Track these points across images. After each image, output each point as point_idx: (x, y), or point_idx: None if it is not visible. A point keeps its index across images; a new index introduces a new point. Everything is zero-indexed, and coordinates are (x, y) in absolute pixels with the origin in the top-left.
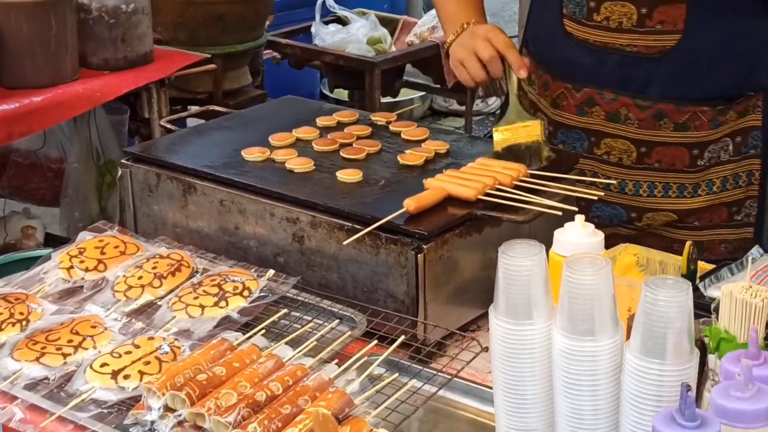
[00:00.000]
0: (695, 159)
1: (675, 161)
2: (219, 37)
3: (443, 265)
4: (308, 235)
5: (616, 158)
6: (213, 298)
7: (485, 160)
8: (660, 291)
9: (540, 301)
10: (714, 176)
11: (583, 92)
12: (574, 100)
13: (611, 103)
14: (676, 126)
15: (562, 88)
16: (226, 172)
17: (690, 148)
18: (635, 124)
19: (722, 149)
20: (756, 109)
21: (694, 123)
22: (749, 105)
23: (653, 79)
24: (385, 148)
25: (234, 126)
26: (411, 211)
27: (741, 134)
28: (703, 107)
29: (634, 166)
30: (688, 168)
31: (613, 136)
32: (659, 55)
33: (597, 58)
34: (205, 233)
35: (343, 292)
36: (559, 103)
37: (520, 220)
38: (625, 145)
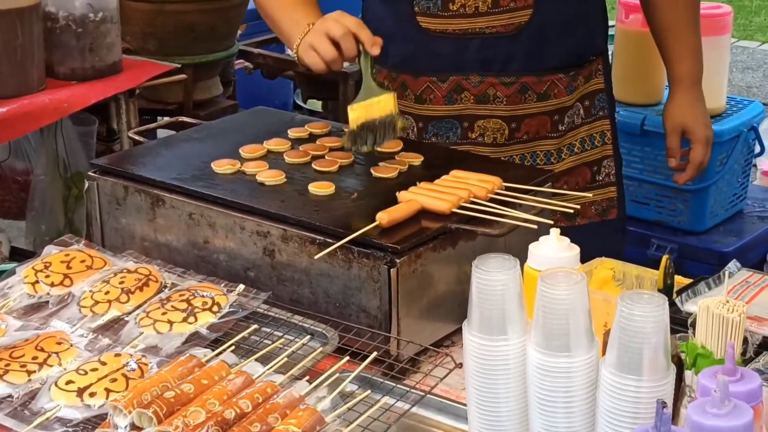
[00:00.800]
0: (557, 125)
1: (540, 130)
2: (189, 46)
3: (417, 280)
4: (279, 249)
5: (490, 138)
6: (181, 314)
7: (460, 173)
8: (636, 306)
9: (514, 317)
10: (573, 139)
11: (449, 81)
12: (441, 91)
13: (478, 86)
14: (539, 96)
15: (426, 83)
16: (196, 184)
17: (552, 116)
18: (503, 102)
19: (576, 114)
20: (598, 73)
21: (554, 91)
22: (592, 69)
23: (514, 56)
24: (357, 161)
25: (204, 137)
26: (384, 224)
27: (589, 98)
28: (559, 74)
29: (507, 142)
30: (551, 134)
31: (485, 117)
32: (516, 31)
33: (458, 46)
34: (173, 247)
35: (314, 307)
36: (425, 98)
37: (494, 233)
38: (497, 124)
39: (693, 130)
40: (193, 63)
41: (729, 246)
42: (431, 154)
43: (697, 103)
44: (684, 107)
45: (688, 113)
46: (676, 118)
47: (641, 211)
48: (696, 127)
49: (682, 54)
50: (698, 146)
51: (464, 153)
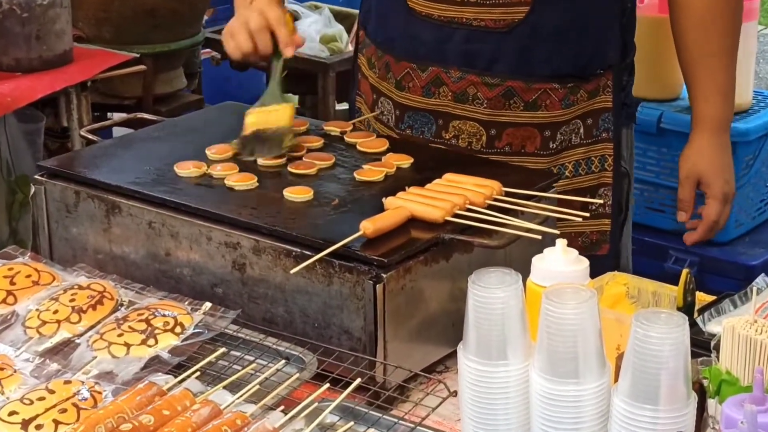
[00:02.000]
0: (547, 141)
1: (526, 143)
2: (149, 34)
3: (406, 297)
4: (250, 262)
5: (465, 142)
6: (140, 336)
7: (454, 177)
8: (652, 326)
9: (516, 339)
10: (566, 160)
11: (428, 71)
12: (419, 81)
13: (458, 82)
14: (527, 105)
15: (406, 69)
16: (156, 189)
17: (541, 130)
18: (484, 104)
19: (573, 132)
20: (606, 90)
21: (545, 102)
22: (599, 85)
23: (501, 55)
24: (339, 163)
25: (165, 136)
26: (368, 234)
27: (592, 116)
28: (553, 84)
29: (484, 150)
30: (540, 151)
31: (462, 118)
32: (506, 29)
33: (442, 34)
34: (131, 260)
35: (290, 327)
36: (404, 85)
37: (493, 244)
38: (474, 128)
39: (710, 183)
40: (153, 52)
41: (757, 258)
42: (422, 155)
43: (720, 152)
44: (704, 154)
45: (707, 162)
46: (692, 165)
47: (657, 219)
48: (714, 179)
49: (711, 92)
50: (714, 203)
51: (459, 154)
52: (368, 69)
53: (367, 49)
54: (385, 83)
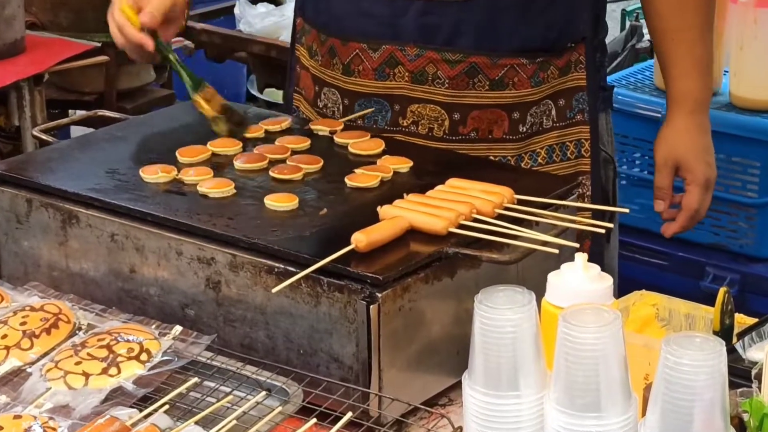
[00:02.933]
0: (516, 124)
1: (493, 127)
2: None
3: (404, 319)
4: (227, 280)
5: (425, 128)
6: (101, 364)
7: (459, 182)
8: (685, 352)
9: (529, 367)
10: (538, 146)
11: (381, 50)
12: (371, 62)
13: (416, 60)
14: (492, 83)
15: (355, 50)
16: (119, 197)
17: (509, 111)
18: (445, 84)
19: (544, 113)
20: (578, 66)
21: (513, 79)
22: (570, 60)
23: (462, 28)
24: (328, 166)
25: (130, 136)
26: (361, 248)
27: (564, 96)
28: (521, 59)
29: (447, 137)
30: (508, 135)
31: (421, 101)
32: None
33: (395, 7)
34: (90, 278)
35: (272, 354)
36: (353, 69)
37: (504, 260)
38: (435, 111)
39: (691, 168)
40: None
41: None
42: (422, 157)
43: (699, 134)
44: (681, 136)
45: (686, 145)
46: (670, 149)
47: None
48: (695, 164)
49: (686, 67)
50: (695, 189)
51: (464, 156)
52: (309, 59)
53: (307, 36)
54: (330, 71)
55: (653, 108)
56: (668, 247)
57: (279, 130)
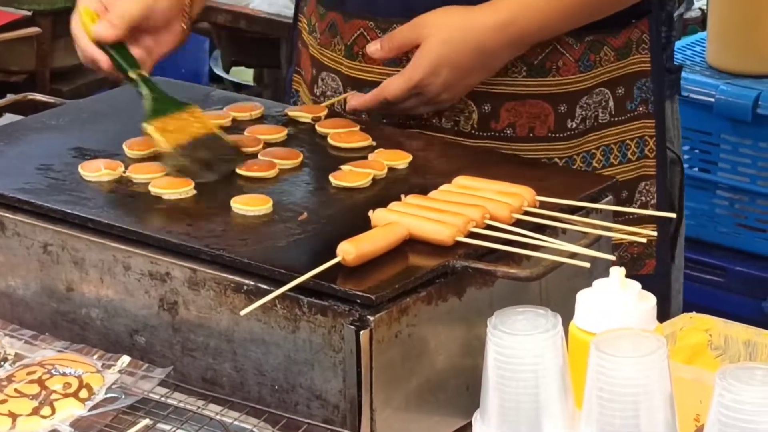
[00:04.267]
0: (563, 120)
1: (535, 124)
2: None
3: (402, 349)
4: (185, 300)
5: (450, 122)
6: (31, 403)
7: (469, 181)
8: (745, 388)
9: (554, 406)
10: (592, 146)
11: (392, 30)
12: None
13: None
14: (531, 68)
15: (360, 29)
16: (54, 199)
17: (554, 103)
18: None
19: (600, 105)
20: (641, 46)
21: (556, 63)
22: (631, 39)
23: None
24: (309, 162)
25: (67, 125)
26: (349, 261)
27: (623, 83)
28: (566, 38)
29: (476, 133)
30: (555, 133)
31: None
32: None
33: None
34: (18, 297)
35: (240, 391)
36: (357, 52)
37: (524, 275)
38: (461, 102)
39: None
40: (51, 9)
41: None
42: (424, 150)
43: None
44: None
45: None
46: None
47: (754, 241)
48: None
49: None
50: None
51: (475, 149)
52: (308, 34)
53: (308, 5)
54: (330, 51)
55: (706, 91)
56: (725, 260)
57: (249, 117)
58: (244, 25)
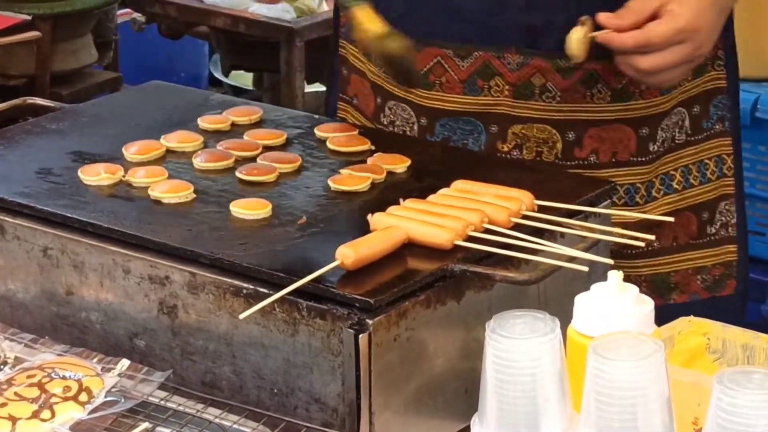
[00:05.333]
0: (645, 142)
1: (618, 149)
2: None
3: (400, 352)
4: (185, 303)
5: (532, 152)
6: (31, 406)
7: (468, 185)
8: (742, 391)
9: (552, 409)
10: (671, 167)
11: (473, 58)
12: (458, 73)
13: (519, 70)
14: (615, 93)
15: (436, 57)
16: (54, 203)
17: (636, 127)
18: (557, 98)
19: (677, 125)
20: (716, 63)
21: (639, 87)
22: (707, 57)
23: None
24: (308, 166)
25: (67, 130)
26: (348, 265)
27: (700, 101)
28: None
29: (560, 162)
30: (637, 157)
31: (526, 121)
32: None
33: (492, 2)
34: (18, 301)
35: (239, 394)
36: (433, 81)
37: (522, 279)
38: (545, 132)
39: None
40: (51, 13)
41: None
42: (423, 155)
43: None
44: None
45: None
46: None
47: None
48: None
49: None
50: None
51: (474, 154)
52: (364, 61)
53: None
54: None
55: None
56: None
57: (248, 122)
58: (243, 29)
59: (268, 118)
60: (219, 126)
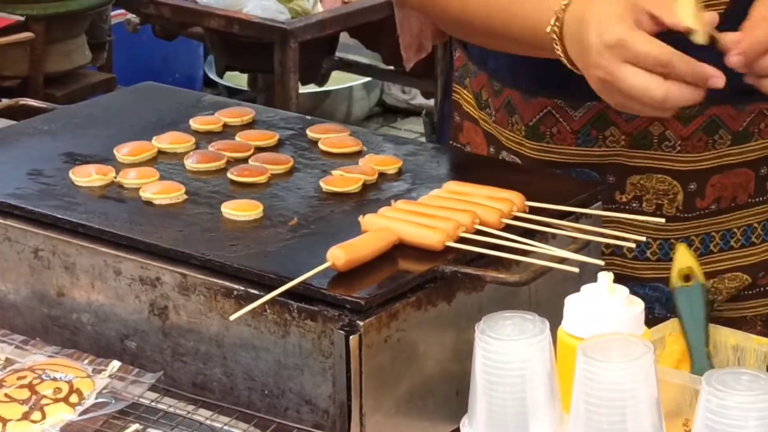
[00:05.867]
0: (763, 182)
1: (737, 193)
2: None
3: (391, 353)
4: (175, 305)
5: (652, 205)
6: (21, 407)
7: (459, 186)
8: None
9: (541, 410)
10: None
11: (585, 108)
12: (570, 124)
13: (635, 119)
14: (736, 136)
15: (546, 107)
16: (45, 204)
17: (756, 168)
18: (677, 148)
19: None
20: None
21: (758, 126)
22: None
23: None
24: (300, 167)
25: (59, 131)
26: (339, 266)
27: None
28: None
29: (682, 215)
30: (755, 197)
31: (644, 171)
32: None
33: None
34: (9, 302)
35: (230, 396)
36: (544, 132)
37: (513, 280)
38: (665, 183)
39: None
40: (44, 14)
41: None
42: (414, 156)
43: None
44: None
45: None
46: None
47: None
48: None
49: None
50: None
51: (465, 154)
52: (476, 108)
53: (473, 79)
54: (508, 131)
55: None
56: None
57: (240, 123)
58: (238, 30)
59: (260, 119)
60: (211, 127)
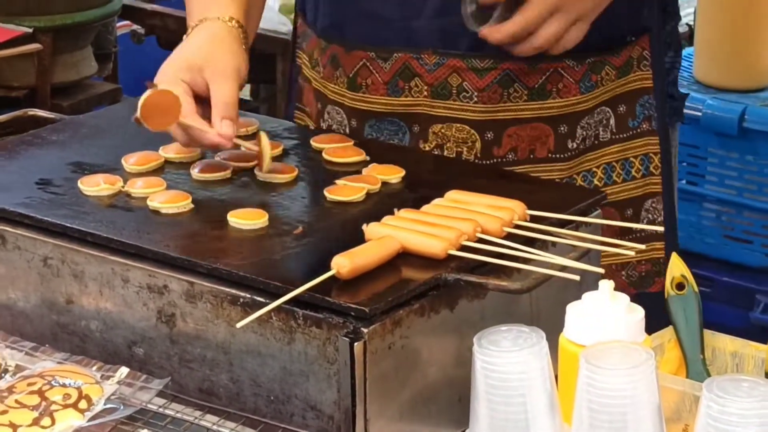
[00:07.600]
0: (563, 140)
1: (535, 146)
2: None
3: (395, 360)
4: (183, 312)
5: (452, 152)
6: (31, 413)
7: (461, 195)
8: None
9: (542, 418)
10: (593, 164)
11: (393, 59)
12: (382, 75)
13: (436, 71)
14: (531, 92)
15: (362, 60)
16: (54, 213)
17: (555, 125)
18: (474, 98)
19: (601, 124)
20: (642, 63)
21: (556, 85)
22: (632, 57)
23: None
24: (304, 176)
25: (67, 141)
26: (344, 274)
27: (625, 101)
28: (566, 61)
29: (479, 161)
30: (555, 154)
31: (445, 120)
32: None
33: (408, 5)
34: (19, 310)
35: (237, 401)
36: (360, 84)
37: (515, 288)
38: (463, 132)
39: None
40: (52, 26)
41: None
42: (417, 165)
43: None
44: None
45: None
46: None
47: (740, 252)
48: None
49: None
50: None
51: (466, 163)
52: (310, 68)
53: (308, 42)
54: (333, 84)
55: (693, 105)
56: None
57: (244, 133)
58: None
59: (263, 129)
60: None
